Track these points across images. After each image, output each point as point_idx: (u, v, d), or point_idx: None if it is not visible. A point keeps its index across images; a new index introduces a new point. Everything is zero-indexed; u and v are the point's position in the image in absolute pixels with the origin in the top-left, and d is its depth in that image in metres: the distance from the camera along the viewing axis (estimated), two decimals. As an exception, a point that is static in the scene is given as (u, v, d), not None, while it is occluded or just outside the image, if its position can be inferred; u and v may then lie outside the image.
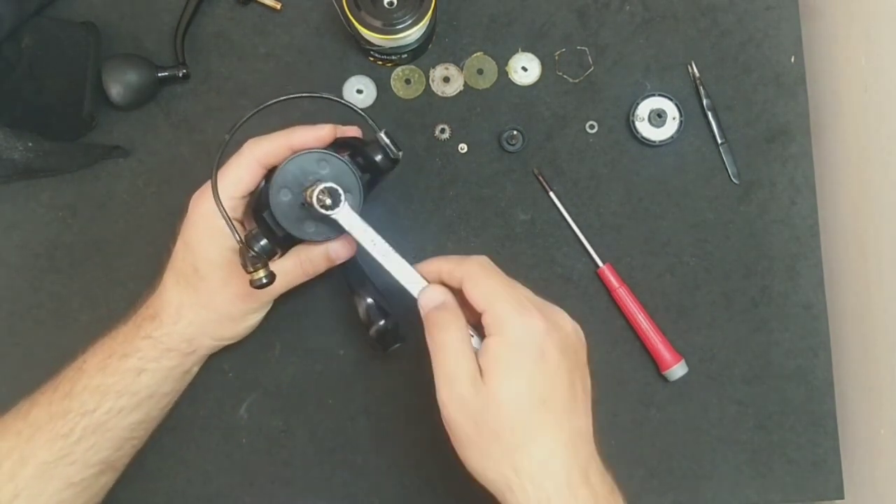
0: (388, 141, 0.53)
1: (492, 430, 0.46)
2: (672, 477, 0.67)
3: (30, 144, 0.59)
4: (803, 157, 0.68)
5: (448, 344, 0.47)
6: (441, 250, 0.66)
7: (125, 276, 0.66)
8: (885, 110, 0.63)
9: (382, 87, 0.68)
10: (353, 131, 0.57)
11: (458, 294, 0.50)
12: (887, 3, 0.62)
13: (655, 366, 0.66)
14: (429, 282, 0.51)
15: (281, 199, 0.52)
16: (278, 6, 0.67)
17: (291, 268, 0.56)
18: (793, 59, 0.69)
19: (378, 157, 0.54)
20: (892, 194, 0.63)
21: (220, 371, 0.66)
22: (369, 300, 0.58)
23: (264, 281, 0.49)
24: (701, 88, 0.67)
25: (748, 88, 0.68)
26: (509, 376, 0.46)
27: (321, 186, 0.50)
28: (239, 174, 0.54)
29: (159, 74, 0.65)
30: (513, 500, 0.46)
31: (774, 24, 0.69)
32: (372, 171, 0.55)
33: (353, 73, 0.67)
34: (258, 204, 0.55)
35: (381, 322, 0.57)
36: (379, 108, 0.68)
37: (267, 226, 0.53)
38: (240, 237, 0.50)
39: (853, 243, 0.69)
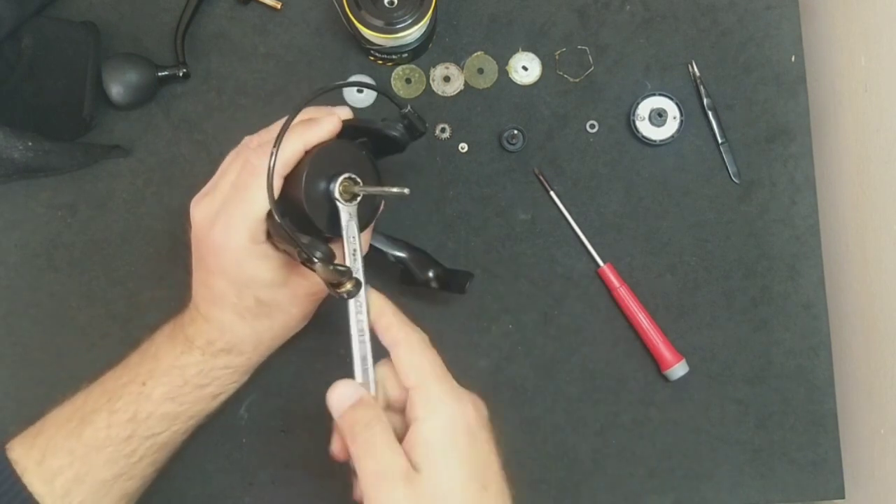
0: (415, 114, 0.53)
1: None
2: (672, 477, 0.67)
3: (30, 144, 0.59)
4: (803, 156, 0.68)
5: (374, 443, 0.44)
6: (441, 250, 0.66)
7: (125, 276, 0.66)
8: (885, 110, 0.63)
9: (383, 86, 0.68)
10: (345, 112, 0.55)
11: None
12: (887, 3, 0.62)
13: (656, 365, 0.66)
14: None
15: (314, 202, 0.50)
16: (278, 6, 0.67)
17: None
18: (793, 59, 0.69)
19: (396, 133, 0.53)
20: (892, 194, 0.63)
21: (220, 371, 0.66)
22: (404, 255, 0.58)
23: (354, 291, 0.46)
24: (701, 88, 0.67)
25: (748, 88, 0.68)
26: (448, 465, 0.43)
27: (343, 177, 0.50)
28: (265, 195, 0.48)
29: (159, 74, 0.64)
30: None
31: (775, 24, 0.69)
32: (389, 150, 0.55)
33: (354, 73, 0.67)
34: (286, 214, 0.52)
35: (431, 272, 0.58)
36: (379, 107, 0.68)
37: (306, 230, 0.50)
38: (315, 254, 0.45)
39: (853, 243, 0.69)
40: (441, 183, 0.67)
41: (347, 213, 0.50)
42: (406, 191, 0.47)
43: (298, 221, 0.50)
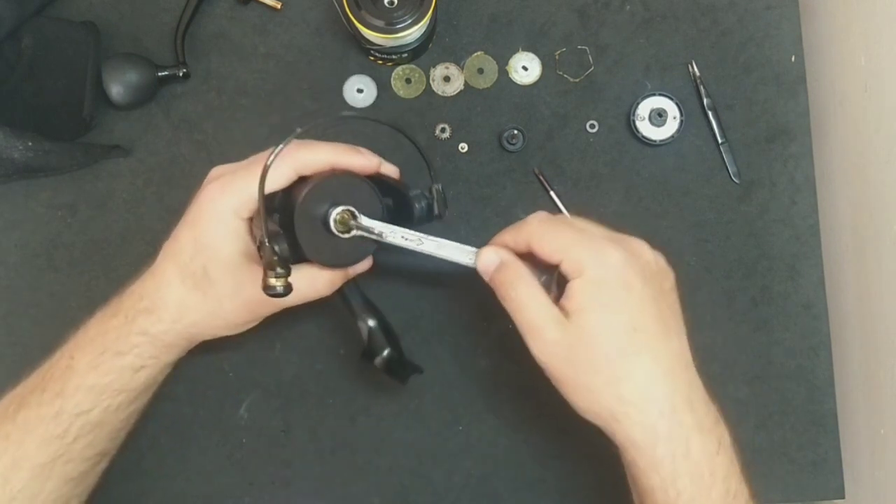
0: (442, 196, 0.54)
1: (589, 366, 0.46)
2: (672, 477, 0.67)
3: (30, 144, 0.59)
4: (804, 156, 0.68)
5: (522, 298, 0.48)
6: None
7: (124, 276, 0.65)
8: (885, 110, 0.63)
9: (383, 86, 0.68)
10: (394, 172, 0.56)
11: (527, 258, 0.50)
12: (887, 3, 0.62)
13: (656, 365, 0.66)
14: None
15: (307, 216, 0.50)
16: (278, 6, 0.67)
17: (305, 284, 0.53)
18: (793, 59, 0.69)
19: (417, 208, 0.54)
20: (892, 194, 0.63)
21: (220, 371, 0.66)
22: (371, 324, 0.55)
23: (280, 290, 0.46)
24: (701, 88, 0.67)
25: (748, 88, 0.68)
26: (596, 311, 0.46)
27: (340, 208, 0.49)
28: (272, 175, 0.50)
29: (159, 74, 0.64)
30: (619, 429, 0.47)
31: (775, 24, 0.69)
32: (403, 220, 0.54)
33: (354, 73, 0.67)
34: (277, 210, 0.52)
35: (386, 351, 0.55)
36: (379, 107, 0.68)
37: (287, 238, 0.51)
38: (266, 235, 0.46)
39: (853, 243, 0.69)
40: (441, 183, 0.67)
41: (363, 227, 0.51)
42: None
43: (286, 223, 0.51)
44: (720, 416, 0.49)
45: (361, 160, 0.53)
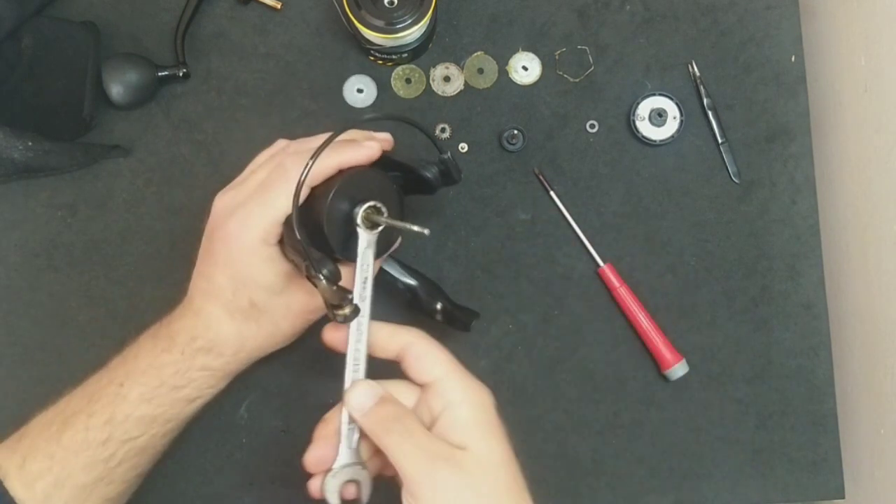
0: (454, 162, 0.53)
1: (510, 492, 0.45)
2: (672, 476, 0.67)
3: (29, 144, 0.59)
4: (804, 156, 0.68)
5: (412, 431, 0.45)
6: (441, 250, 0.66)
7: (124, 276, 0.66)
8: (885, 110, 0.63)
9: (383, 86, 0.68)
10: (387, 142, 0.56)
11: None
12: (887, 3, 0.62)
13: (656, 365, 0.66)
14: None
15: (333, 221, 0.50)
16: (278, 6, 0.67)
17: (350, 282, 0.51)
18: (793, 59, 0.69)
19: (429, 175, 0.53)
20: (892, 194, 0.63)
21: (220, 371, 0.66)
22: (414, 283, 0.58)
23: (352, 316, 0.46)
24: (701, 88, 0.67)
25: (748, 88, 0.68)
26: (492, 439, 0.45)
27: (368, 204, 0.49)
28: (289, 200, 0.49)
29: (159, 74, 0.64)
30: None
31: (775, 24, 0.69)
32: (419, 189, 0.55)
33: (354, 73, 0.67)
34: (304, 224, 0.52)
35: (439, 305, 0.58)
36: (379, 107, 0.68)
37: (319, 247, 0.50)
38: (322, 271, 0.46)
39: (853, 243, 0.69)
40: (439, 188, 0.67)
41: (366, 241, 0.50)
42: (426, 231, 0.46)
43: (314, 237, 0.50)
44: None
45: (364, 152, 0.52)
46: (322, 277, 0.46)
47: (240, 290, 0.52)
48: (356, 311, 0.47)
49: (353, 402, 0.47)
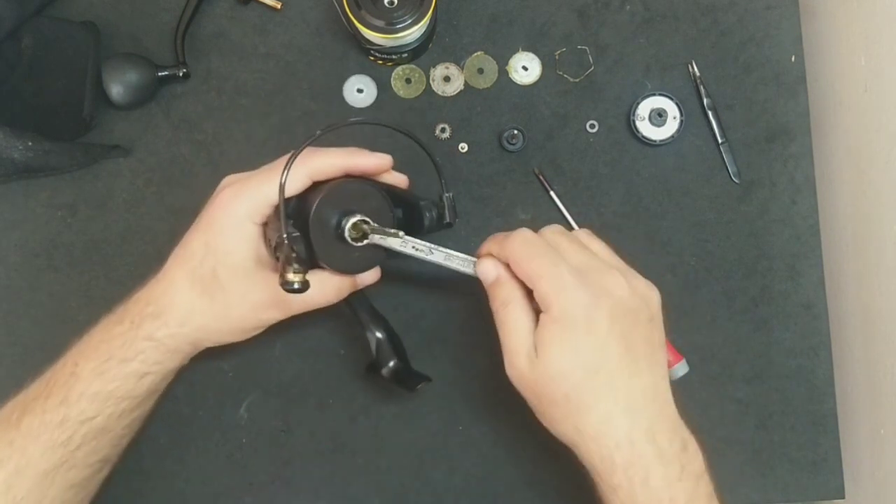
0: (452, 204, 0.54)
1: (550, 400, 0.49)
2: (672, 477, 0.66)
3: (29, 144, 0.59)
4: (804, 156, 0.68)
5: (506, 321, 0.50)
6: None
7: (124, 276, 0.66)
8: (885, 110, 0.63)
9: (383, 86, 0.68)
10: (403, 181, 0.57)
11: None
12: (887, 3, 0.62)
13: (656, 365, 0.66)
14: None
15: (321, 222, 0.50)
16: (278, 6, 0.67)
17: (315, 290, 0.51)
18: (793, 59, 0.69)
19: (427, 217, 0.54)
20: (892, 194, 0.63)
21: (220, 371, 0.66)
22: (380, 335, 0.56)
23: (297, 286, 0.47)
24: (701, 88, 0.67)
25: (748, 88, 0.68)
26: (557, 352, 0.47)
27: (356, 217, 0.50)
28: (287, 180, 0.50)
29: (159, 74, 0.64)
30: (580, 454, 0.49)
31: (775, 24, 0.69)
32: (413, 228, 0.55)
33: (354, 73, 0.67)
34: (292, 216, 0.52)
35: (392, 362, 0.56)
36: (379, 107, 0.68)
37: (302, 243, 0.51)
38: (286, 233, 0.47)
39: (853, 243, 0.69)
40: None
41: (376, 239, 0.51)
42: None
43: (299, 229, 0.51)
44: (690, 441, 0.50)
45: (374, 160, 0.53)
46: (285, 240, 0.47)
47: (208, 258, 0.53)
48: (305, 284, 0.47)
49: (480, 275, 0.52)
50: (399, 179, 0.57)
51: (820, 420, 0.67)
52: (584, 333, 0.47)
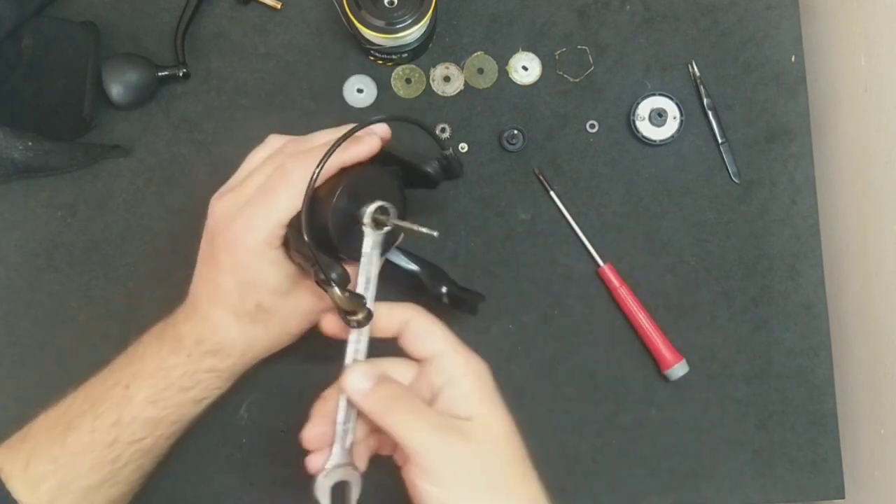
0: (455, 157, 0.53)
1: (511, 463, 0.47)
2: (672, 477, 0.67)
3: (29, 144, 0.59)
4: (804, 156, 0.68)
5: (415, 408, 0.45)
6: (441, 250, 0.66)
7: (124, 276, 0.66)
8: (885, 110, 0.63)
9: (383, 86, 0.68)
10: (385, 134, 0.55)
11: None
12: (887, 3, 0.62)
13: (656, 365, 0.66)
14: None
15: (338, 222, 0.50)
16: (278, 6, 0.67)
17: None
18: (793, 59, 0.69)
19: (430, 170, 0.53)
20: (892, 194, 0.63)
21: (220, 371, 0.66)
22: (415, 268, 0.58)
23: (365, 322, 0.46)
24: (701, 88, 0.67)
25: (748, 88, 0.68)
26: (496, 410, 0.46)
27: (376, 205, 0.49)
28: (292, 203, 0.49)
29: (159, 74, 0.64)
30: None
31: (775, 24, 0.69)
32: (420, 183, 0.55)
33: (354, 73, 0.67)
34: (305, 226, 0.51)
35: (444, 289, 0.58)
36: (379, 107, 0.68)
37: (322, 248, 0.50)
38: (332, 276, 0.45)
39: (853, 243, 0.69)
40: (441, 183, 0.67)
41: (372, 241, 0.50)
42: (435, 233, 0.47)
43: (317, 238, 0.50)
44: None
45: (365, 147, 0.52)
46: (333, 284, 0.45)
47: (247, 294, 0.52)
48: (369, 316, 0.47)
49: (351, 385, 0.46)
50: (381, 131, 0.54)
51: (820, 420, 0.67)
52: (498, 398, 0.48)
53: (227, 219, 0.52)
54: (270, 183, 0.51)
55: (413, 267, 0.58)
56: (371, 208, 0.49)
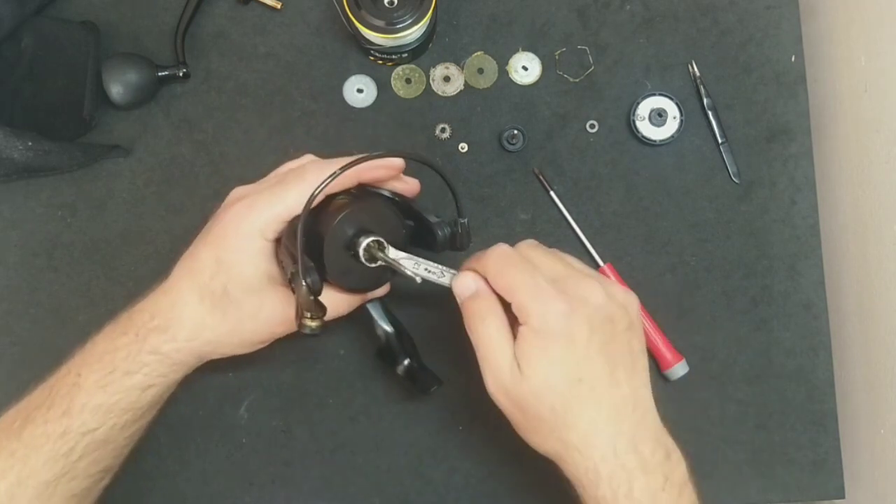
0: (467, 230, 0.54)
1: (535, 414, 0.48)
2: (672, 477, 0.66)
3: (29, 143, 0.59)
4: (804, 156, 0.68)
5: (486, 336, 0.49)
6: (441, 251, 0.66)
7: (124, 276, 0.66)
8: (885, 110, 0.63)
9: (383, 86, 0.68)
10: (415, 185, 0.56)
11: None
12: (887, 3, 0.62)
13: (656, 365, 0.66)
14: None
15: (335, 244, 0.50)
16: (278, 6, 0.67)
17: (328, 305, 0.51)
18: (793, 59, 0.69)
19: (439, 234, 0.53)
20: (892, 194, 0.63)
21: (220, 371, 0.66)
22: (389, 329, 0.57)
23: (316, 331, 0.47)
24: (701, 88, 0.67)
25: (748, 88, 0.68)
26: (540, 364, 0.47)
27: (370, 239, 0.50)
28: (300, 201, 0.49)
29: (159, 74, 0.64)
30: (565, 468, 0.49)
31: (775, 24, 0.69)
32: (421, 244, 0.54)
33: (354, 73, 0.67)
34: (305, 235, 0.51)
35: (407, 361, 0.57)
36: (379, 107, 0.68)
37: (311, 257, 0.50)
38: (302, 272, 0.46)
39: (853, 243, 0.69)
40: (441, 182, 0.67)
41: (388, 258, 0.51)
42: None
43: (311, 251, 0.50)
44: (673, 449, 0.49)
45: (383, 170, 0.53)
46: (304, 284, 0.46)
47: (219, 274, 0.52)
48: (322, 327, 0.48)
49: (455, 290, 0.51)
50: (411, 184, 0.56)
51: (820, 420, 0.67)
52: (564, 343, 0.47)
53: (235, 198, 0.54)
54: (286, 179, 0.53)
55: (387, 327, 0.57)
56: (369, 238, 0.50)
